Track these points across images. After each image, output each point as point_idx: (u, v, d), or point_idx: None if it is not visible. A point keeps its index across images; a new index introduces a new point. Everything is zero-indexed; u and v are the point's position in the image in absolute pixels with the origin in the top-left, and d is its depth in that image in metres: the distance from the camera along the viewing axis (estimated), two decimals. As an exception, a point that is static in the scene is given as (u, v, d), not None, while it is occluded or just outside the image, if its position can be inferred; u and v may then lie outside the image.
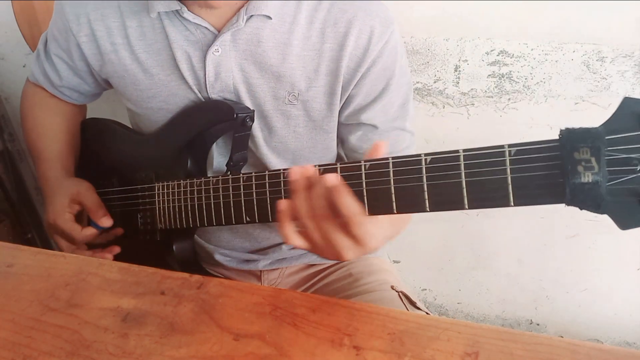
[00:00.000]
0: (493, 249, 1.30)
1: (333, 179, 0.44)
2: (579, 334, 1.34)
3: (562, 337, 0.47)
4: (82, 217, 0.78)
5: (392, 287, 0.75)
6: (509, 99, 1.10)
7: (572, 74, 1.04)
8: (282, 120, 0.70)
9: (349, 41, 0.65)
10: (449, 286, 1.41)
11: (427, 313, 0.70)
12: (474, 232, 1.27)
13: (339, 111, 0.71)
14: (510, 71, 1.07)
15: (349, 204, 0.44)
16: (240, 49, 0.67)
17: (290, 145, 0.72)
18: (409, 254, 1.37)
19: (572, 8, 0.98)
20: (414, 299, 0.72)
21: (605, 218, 0.37)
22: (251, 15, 0.65)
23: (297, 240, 0.49)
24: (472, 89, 1.11)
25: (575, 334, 1.35)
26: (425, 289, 1.44)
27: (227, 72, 0.67)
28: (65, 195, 0.75)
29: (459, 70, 1.10)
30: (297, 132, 0.71)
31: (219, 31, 0.66)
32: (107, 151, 0.83)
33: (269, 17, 0.65)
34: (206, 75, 0.68)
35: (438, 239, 1.33)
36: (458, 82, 1.11)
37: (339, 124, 0.72)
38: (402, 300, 0.71)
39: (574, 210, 0.40)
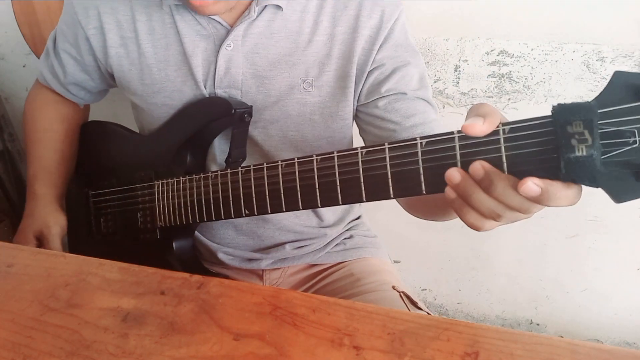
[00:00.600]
0: (493, 249, 1.30)
1: (534, 188, 0.37)
2: (579, 334, 1.34)
3: (562, 337, 0.48)
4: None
5: (394, 287, 0.74)
6: (509, 99, 1.10)
7: (572, 74, 1.04)
8: (298, 108, 0.70)
9: (361, 23, 0.66)
10: (449, 286, 1.41)
11: (428, 313, 0.71)
12: (474, 232, 1.27)
13: (359, 92, 0.70)
14: (510, 71, 1.07)
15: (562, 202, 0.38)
16: (252, 42, 0.68)
17: (308, 135, 0.72)
18: (409, 254, 1.37)
19: (572, 8, 0.98)
20: (414, 299, 0.72)
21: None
22: (264, 7, 0.66)
23: (485, 223, 0.43)
24: (472, 89, 1.11)
25: (575, 334, 1.35)
26: (425, 289, 1.44)
27: (236, 68, 0.68)
28: (34, 227, 0.78)
29: (459, 70, 1.10)
30: (313, 120, 0.71)
31: (231, 26, 0.67)
32: (106, 153, 0.83)
33: (280, 8, 0.66)
34: (217, 70, 0.68)
35: (438, 239, 1.33)
36: (458, 82, 1.11)
37: (360, 105, 0.71)
38: (403, 300, 0.71)
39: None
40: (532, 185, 0.37)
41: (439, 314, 1.43)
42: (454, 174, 0.41)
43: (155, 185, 0.71)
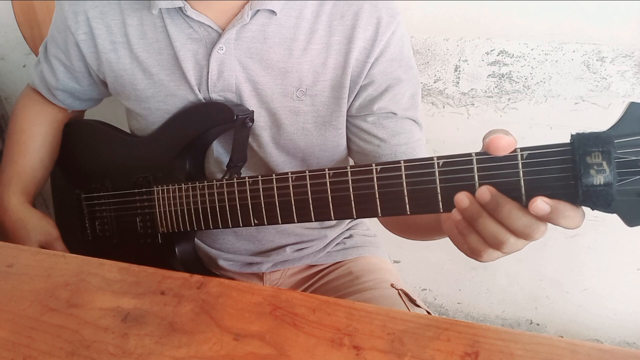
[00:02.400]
0: (493, 249, 1.30)
1: (544, 206, 0.39)
2: (579, 334, 1.34)
3: (562, 337, 0.48)
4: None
5: (392, 285, 0.74)
6: (509, 99, 1.10)
7: (572, 74, 1.04)
8: (290, 117, 0.69)
9: (357, 34, 0.65)
10: (449, 286, 1.41)
11: (427, 311, 0.71)
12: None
13: (350, 104, 0.70)
14: (510, 71, 1.07)
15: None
16: (245, 46, 0.66)
17: (300, 143, 0.71)
18: (409, 254, 1.38)
19: (572, 8, 0.98)
20: (413, 296, 0.72)
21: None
22: (257, 11, 0.65)
23: (493, 254, 0.44)
24: (472, 89, 1.11)
25: (575, 334, 1.35)
26: (425, 289, 1.44)
27: (230, 71, 0.67)
28: (37, 238, 0.77)
29: (459, 70, 1.10)
30: (306, 128, 0.70)
31: (222, 29, 0.66)
32: (98, 154, 0.81)
33: (274, 13, 0.65)
34: (209, 74, 0.67)
35: (438, 239, 1.33)
36: (458, 82, 1.11)
37: (349, 116, 0.71)
38: (401, 298, 0.71)
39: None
40: (541, 203, 0.39)
41: (439, 314, 1.43)
42: (462, 199, 0.42)
43: (154, 191, 0.70)
